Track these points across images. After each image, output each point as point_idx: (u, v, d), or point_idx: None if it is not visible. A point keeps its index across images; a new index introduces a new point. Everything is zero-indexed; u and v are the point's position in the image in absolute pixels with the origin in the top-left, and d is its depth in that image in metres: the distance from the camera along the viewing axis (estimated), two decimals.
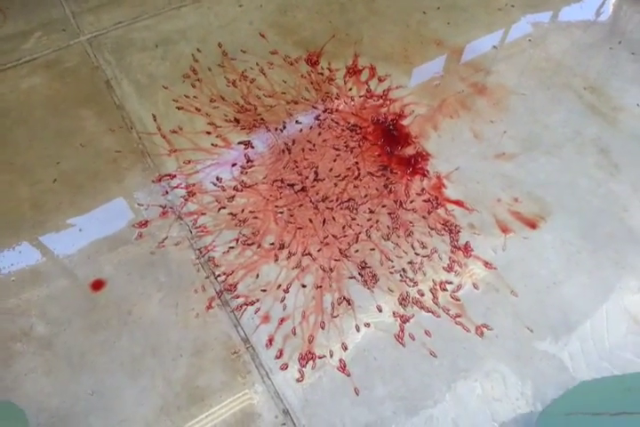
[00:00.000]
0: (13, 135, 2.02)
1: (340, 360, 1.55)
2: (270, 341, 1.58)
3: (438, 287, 1.69)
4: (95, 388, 1.50)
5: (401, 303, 1.66)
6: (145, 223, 1.80)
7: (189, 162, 1.95)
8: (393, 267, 1.73)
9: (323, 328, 1.61)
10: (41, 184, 1.89)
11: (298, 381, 1.52)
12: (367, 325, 1.62)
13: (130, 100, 2.13)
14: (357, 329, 1.61)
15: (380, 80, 2.22)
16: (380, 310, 1.65)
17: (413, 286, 1.69)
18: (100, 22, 2.41)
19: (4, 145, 1.99)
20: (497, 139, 2.06)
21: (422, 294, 1.68)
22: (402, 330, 1.61)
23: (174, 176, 1.92)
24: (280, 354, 1.56)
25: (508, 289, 1.70)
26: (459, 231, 1.81)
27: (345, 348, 1.58)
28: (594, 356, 1.58)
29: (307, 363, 1.54)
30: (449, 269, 1.73)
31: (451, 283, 1.70)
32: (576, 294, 1.69)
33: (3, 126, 2.04)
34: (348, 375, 1.53)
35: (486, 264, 1.75)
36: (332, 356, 1.56)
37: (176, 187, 1.89)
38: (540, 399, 1.50)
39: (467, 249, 1.78)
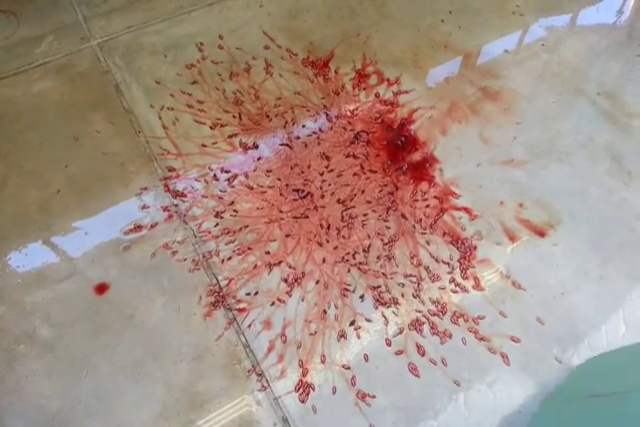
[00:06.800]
0: (24, 138, 2.05)
1: (342, 369, 1.54)
2: (271, 347, 1.57)
3: (443, 295, 1.67)
4: (96, 392, 1.51)
5: (405, 312, 1.64)
6: (150, 227, 1.81)
7: (195, 166, 1.96)
8: (396, 273, 1.71)
9: (324, 336, 1.59)
10: (49, 187, 1.91)
11: (297, 389, 1.51)
12: (369, 333, 1.60)
13: (138, 104, 2.14)
14: (359, 337, 1.60)
15: (389, 84, 2.20)
16: (384, 319, 1.63)
17: (418, 294, 1.67)
18: (111, 26, 2.43)
19: (15, 148, 2.02)
20: (507, 145, 2.02)
21: (426, 303, 1.66)
22: (405, 340, 1.59)
23: (180, 180, 1.92)
24: (280, 361, 1.55)
25: (516, 298, 1.66)
26: (465, 239, 1.78)
27: (346, 356, 1.56)
28: None
29: (307, 373, 1.53)
30: (454, 275, 1.71)
31: (456, 292, 1.68)
32: (584, 305, 1.65)
33: (14, 130, 2.07)
34: (351, 385, 1.51)
35: (493, 273, 1.72)
36: (332, 364, 1.55)
37: (181, 191, 1.89)
38: None
39: (473, 257, 1.75)
